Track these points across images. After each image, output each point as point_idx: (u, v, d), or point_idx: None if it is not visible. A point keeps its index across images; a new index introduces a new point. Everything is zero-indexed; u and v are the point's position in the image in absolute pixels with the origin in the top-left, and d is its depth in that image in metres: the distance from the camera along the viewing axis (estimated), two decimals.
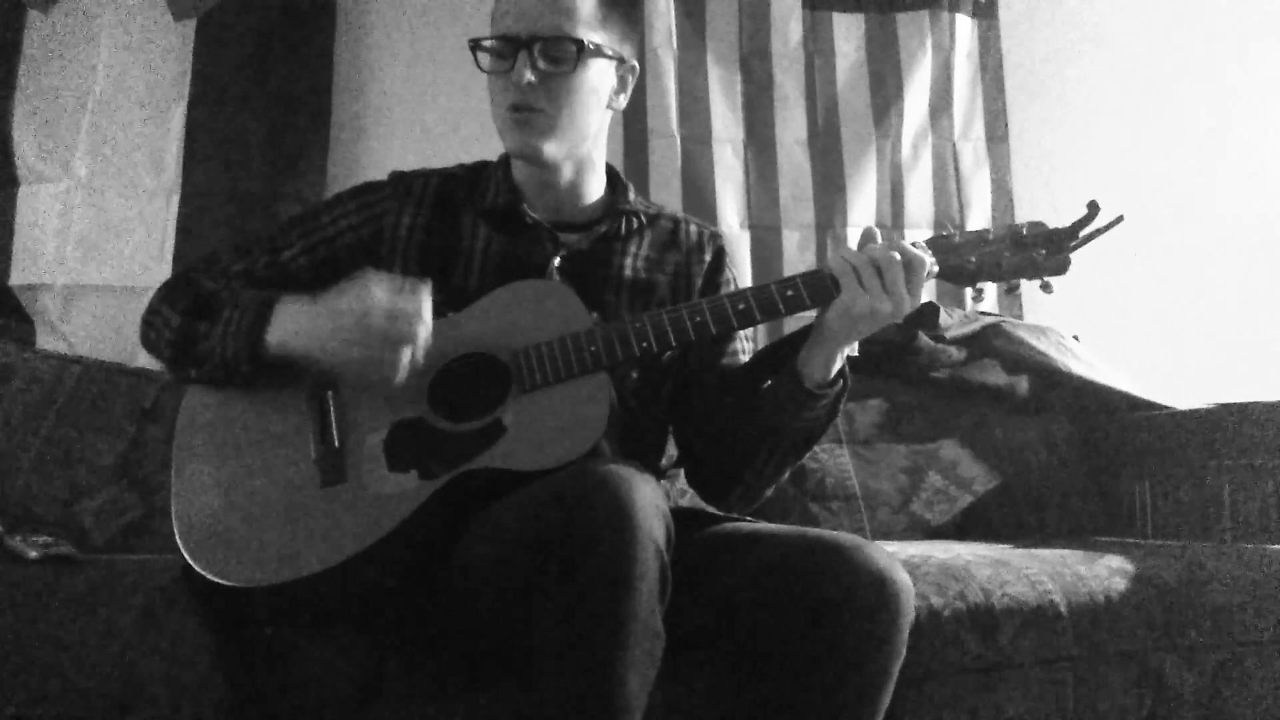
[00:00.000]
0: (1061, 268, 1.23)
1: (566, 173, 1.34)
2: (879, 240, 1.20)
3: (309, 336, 1.17)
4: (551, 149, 1.28)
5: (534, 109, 1.25)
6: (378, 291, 1.15)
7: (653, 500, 0.99)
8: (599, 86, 1.30)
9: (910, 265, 1.17)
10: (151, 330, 1.28)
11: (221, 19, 2.27)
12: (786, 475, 1.34)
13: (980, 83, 2.67)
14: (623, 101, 1.36)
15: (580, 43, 1.25)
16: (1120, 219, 1.22)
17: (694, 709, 1.18)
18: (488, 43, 1.28)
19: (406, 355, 1.14)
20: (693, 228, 1.43)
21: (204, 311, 1.23)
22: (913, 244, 1.21)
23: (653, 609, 0.96)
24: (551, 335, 1.19)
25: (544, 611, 0.96)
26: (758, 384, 1.27)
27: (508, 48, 1.25)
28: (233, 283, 1.29)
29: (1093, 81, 2.70)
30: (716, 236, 1.45)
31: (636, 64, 1.36)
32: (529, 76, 1.23)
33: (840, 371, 1.24)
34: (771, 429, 1.25)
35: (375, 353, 1.14)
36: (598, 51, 1.27)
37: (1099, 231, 1.22)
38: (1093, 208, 1.22)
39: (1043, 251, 1.23)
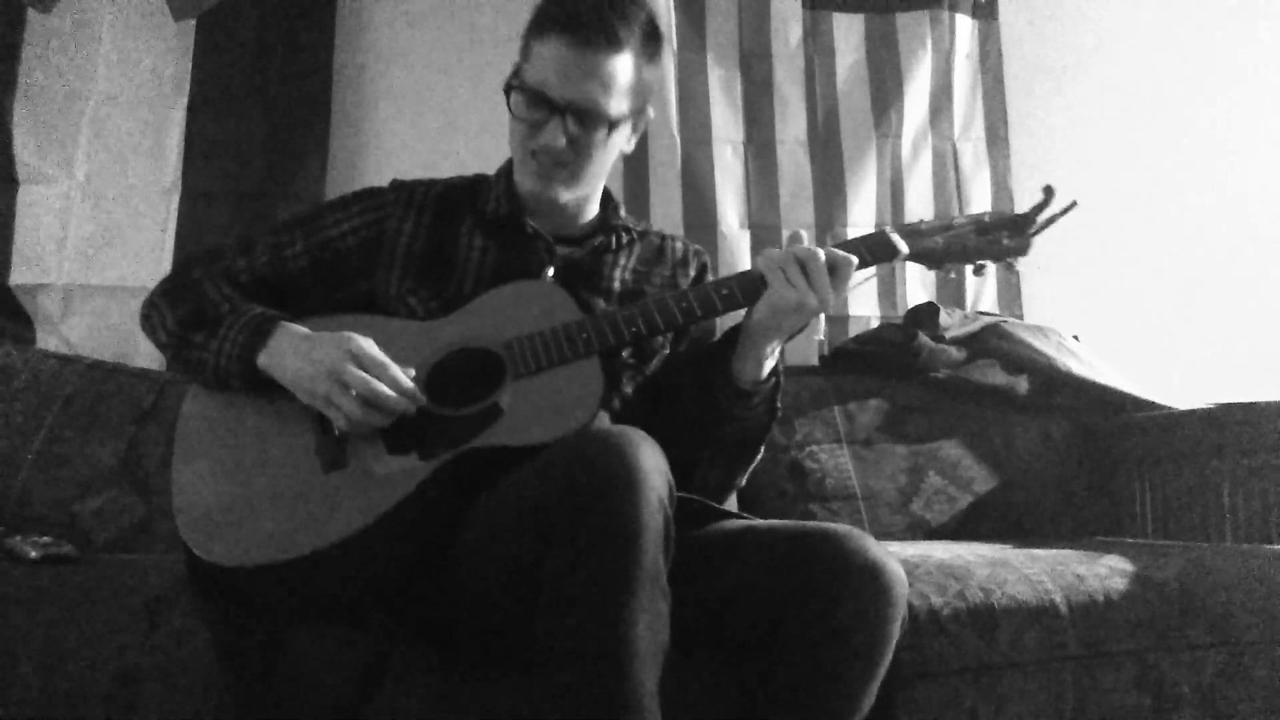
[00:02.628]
0: (1023, 249, 1.31)
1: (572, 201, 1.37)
2: (804, 241, 1.24)
3: (291, 372, 1.21)
4: (567, 196, 1.33)
5: (558, 163, 1.29)
6: (338, 351, 1.18)
7: (654, 457, 1.01)
8: (620, 144, 1.35)
9: (834, 262, 1.20)
10: (148, 322, 1.34)
11: (221, 19, 2.27)
12: (742, 482, 1.36)
13: (980, 83, 2.68)
14: (634, 143, 1.40)
15: (614, 122, 1.28)
16: (1074, 204, 1.29)
17: (693, 705, 1.18)
18: (520, 95, 1.29)
19: (353, 406, 1.17)
20: (678, 244, 1.50)
21: (202, 322, 1.28)
22: (878, 230, 1.28)
23: (657, 560, 0.98)
24: (543, 327, 1.23)
25: (552, 567, 0.97)
26: (693, 386, 1.30)
27: (542, 105, 1.27)
28: (234, 291, 1.32)
29: (1093, 82, 2.70)
30: (700, 253, 1.51)
31: (652, 109, 1.39)
32: (561, 142, 1.27)
33: (773, 370, 1.28)
34: (707, 429, 1.28)
35: (330, 404, 1.18)
36: (626, 122, 1.31)
37: (1055, 216, 1.30)
38: (1048, 192, 1.30)
39: (1005, 234, 1.30)
